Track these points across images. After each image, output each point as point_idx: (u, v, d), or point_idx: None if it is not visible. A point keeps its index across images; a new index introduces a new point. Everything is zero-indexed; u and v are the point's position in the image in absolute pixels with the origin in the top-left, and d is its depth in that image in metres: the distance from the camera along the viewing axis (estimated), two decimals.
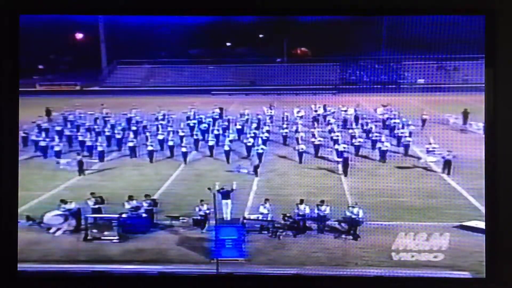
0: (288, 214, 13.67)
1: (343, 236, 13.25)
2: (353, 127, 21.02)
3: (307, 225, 13.69)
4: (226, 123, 22.28)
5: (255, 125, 21.68)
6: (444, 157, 16.87)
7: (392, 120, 21.25)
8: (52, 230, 13.78)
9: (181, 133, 21.07)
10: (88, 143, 20.21)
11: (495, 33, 9.68)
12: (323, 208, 13.70)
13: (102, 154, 19.64)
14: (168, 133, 20.90)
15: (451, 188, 15.90)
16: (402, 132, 19.90)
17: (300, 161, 18.65)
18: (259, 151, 18.91)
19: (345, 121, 21.98)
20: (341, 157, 18.01)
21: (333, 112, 22.12)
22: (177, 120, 22.73)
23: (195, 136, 21.04)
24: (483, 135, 10.16)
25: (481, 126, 17.14)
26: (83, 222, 13.77)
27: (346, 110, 22.17)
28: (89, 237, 13.41)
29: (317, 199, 13.88)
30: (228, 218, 14.21)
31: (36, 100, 20.97)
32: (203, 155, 20.01)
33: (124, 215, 13.91)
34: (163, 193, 16.24)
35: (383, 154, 18.49)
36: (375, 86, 21.02)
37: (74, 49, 22.59)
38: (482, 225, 12.24)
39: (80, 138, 20.76)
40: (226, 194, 14.38)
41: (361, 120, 21.87)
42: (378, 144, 19.00)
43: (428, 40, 13.59)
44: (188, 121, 22.73)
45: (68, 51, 22.85)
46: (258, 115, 22.63)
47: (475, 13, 10.01)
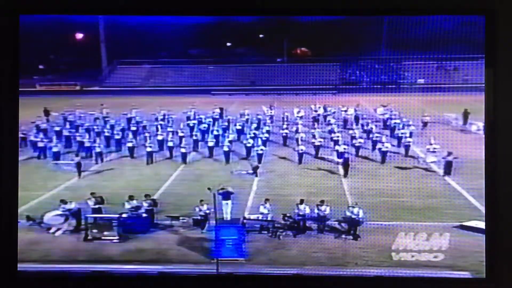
0: (288, 214, 13.65)
1: (343, 236, 13.24)
2: (353, 128, 21.00)
3: (307, 225, 13.67)
4: (226, 124, 22.21)
5: (255, 126, 21.59)
6: (445, 158, 16.81)
7: (393, 121, 21.26)
8: (52, 230, 13.77)
9: (181, 134, 21.03)
10: (87, 144, 20.08)
11: (495, 33, 9.65)
12: (323, 208, 13.68)
13: (101, 155, 19.58)
14: (168, 134, 20.84)
15: (451, 188, 15.92)
16: (403, 133, 19.88)
17: (300, 162, 18.62)
18: (259, 152, 18.87)
19: (345, 121, 21.98)
20: (342, 158, 17.99)
21: (333, 112, 22.09)
22: (177, 120, 22.68)
23: (195, 137, 21.00)
24: (483, 135, 10.14)
25: (481, 126, 17.23)
26: (83, 222, 13.77)
27: (346, 110, 22.15)
28: (89, 237, 13.39)
29: (317, 199, 13.87)
30: (228, 218, 14.21)
31: (36, 100, 20.99)
32: (203, 156, 19.99)
33: (124, 215, 13.89)
34: (163, 193, 16.23)
35: (384, 155, 18.47)
36: (375, 86, 21.05)
37: (74, 49, 22.59)
38: (482, 225, 12.24)
39: (79, 139, 20.63)
40: (226, 195, 14.38)
41: (361, 120, 21.84)
42: (379, 145, 18.97)
43: (428, 40, 13.59)
44: (188, 121, 22.70)
45: (68, 51, 22.85)
46: (258, 115, 22.57)
47: (475, 13, 9.99)
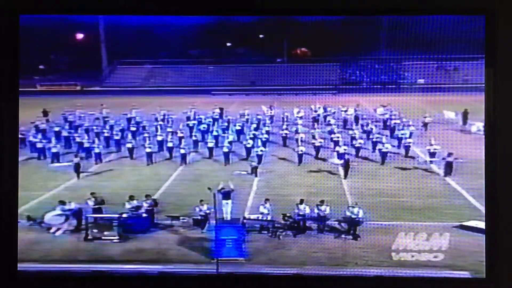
0: (288, 214, 13.66)
1: (343, 236, 13.26)
2: (353, 128, 20.97)
3: (307, 225, 13.69)
4: (226, 124, 22.16)
5: (255, 126, 21.53)
6: (445, 159, 16.79)
7: (393, 121, 21.26)
8: (53, 230, 13.79)
9: (180, 134, 20.99)
10: (86, 145, 20.00)
11: (495, 33, 9.65)
12: (323, 208, 13.69)
13: (100, 156, 19.54)
14: (167, 134, 20.79)
15: (451, 188, 15.94)
16: (403, 134, 19.88)
17: (300, 163, 18.60)
18: (259, 153, 18.82)
19: (345, 122, 21.96)
20: (342, 159, 17.97)
21: (333, 113, 22.09)
22: (177, 121, 22.66)
23: (194, 137, 20.97)
24: (483, 135, 10.15)
25: (481, 127, 17.23)
26: (84, 222, 13.78)
27: (346, 111, 22.13)
28: (90, 237, 13.41)
29: (317, 199, 13.88)
30: (228, 218, 14.21)
31: (37, 101, 21.00)
32: (202, 157, 19.97)
33: (125, 215, 13.91)
34: (163, 193, 16.25)
35: (384, 156, 18.44)
36: (375, 86, 21.07)
37: (75, 50, 22.62)
38: (482, 225, 12.27)
39: (78, 140, 20.56)
40: (227, 194, 14.40)
41: (361, 121, 21.82)
42: (379, 146, 18.95)
43: (428, 40, 13.59)
44: (188, 122, 22.67)
45: (69, 51, 22.88)
46: (258, 115, 22.52)
47: (475, 13, 9.99)
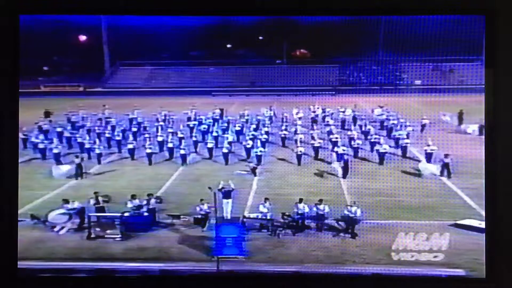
0: (288, 213, 13.79)
1: (341, 235, 13.37)
2: (352, 129, 21.08)
3: (306, 224, 13.80)
4: (226, 125, 22.26)
5: (254, 127, 21.60)
6: (443, 161, 16.89)
7: (390, 121, 21.42)
8: (57, 229, 13.94)
9: (180, 135, 21.09)
10: (87, 145, 20.10)
11: (495, 33, 9.55)
12: (322, 207, 13.80)
13: (101, 156, 19.64)
14: (168, 135, 20.90)
15: (447, 188, 16.11)
16: (400, 134, 20.02)
17: (299, 164, 18.72)
18: (258, 154, 18.89)
19: (343, 122, 22.05)
20: (341, 160, 18.02)
21: (332, 113, 22.20)
22: (178, 121, 22.74)
23: (194, 138, 21.06)
24: (478, 136, 10.16)
25: (476, 127, 17.38)
26: (87, 221, 13.94)
27: (344, 111, 22.22)
28: (92, 236, 13.57)
29: (316, 199, 14.02)
30: (229, 217, 14.34)
31: (41, 101, 21.14)
32: (202, 157, 20.07)
33: (127, 214, 14.09)
34: (164, 193, 16.38)
35: (382, 156, 18.59)
36: (373, 87, 21.25)
37: (78, 51, 22.84)
38: (477, 224, 12.51)
39: (79, 140, 20.67)
40: (227, 194, 14.55)
41: (359, 121, 21.95)
42: (377, 146, 19.07)
43: (425, 42, 13.73)
44: (188, 122, 22.78)
45: (72, 53, 23.09)
46: (258, 116, 22.57)
47: (475, 13, 9.87)
